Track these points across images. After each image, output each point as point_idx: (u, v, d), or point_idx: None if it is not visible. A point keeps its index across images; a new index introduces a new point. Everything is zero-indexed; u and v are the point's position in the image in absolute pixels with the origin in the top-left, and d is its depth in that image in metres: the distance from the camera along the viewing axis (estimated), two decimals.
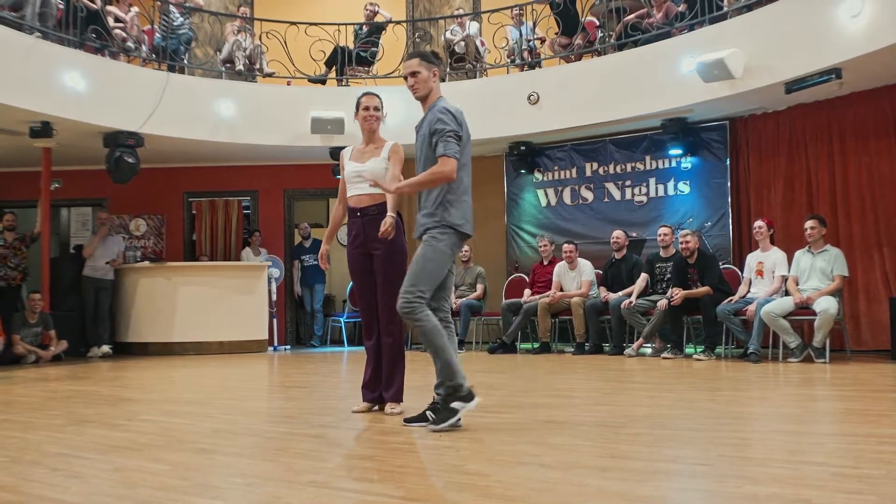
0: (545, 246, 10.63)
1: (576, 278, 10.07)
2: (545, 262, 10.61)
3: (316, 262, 12.43)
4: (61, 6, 9.58)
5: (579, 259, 10.16)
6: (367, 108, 4.86)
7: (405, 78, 4.49)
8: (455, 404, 4.04)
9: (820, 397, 5.53)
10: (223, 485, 2.97)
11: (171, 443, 3.86)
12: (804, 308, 7.76)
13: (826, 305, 7.55)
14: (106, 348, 10.73)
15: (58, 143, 9.99)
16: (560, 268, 10.24)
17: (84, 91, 9.52)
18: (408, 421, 4.22)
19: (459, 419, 4.05)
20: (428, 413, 4.13)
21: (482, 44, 11.77)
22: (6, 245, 10.45)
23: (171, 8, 11.05)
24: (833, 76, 8.12)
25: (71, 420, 4.68)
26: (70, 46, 9.58)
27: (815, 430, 4.13)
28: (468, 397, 4.07)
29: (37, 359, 9.65)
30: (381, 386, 4.80)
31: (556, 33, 11.15)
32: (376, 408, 4.81)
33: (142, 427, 4.40)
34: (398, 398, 4.77)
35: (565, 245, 10.19)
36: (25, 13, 9.06)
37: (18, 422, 4.70)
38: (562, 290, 10.08)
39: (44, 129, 9.57)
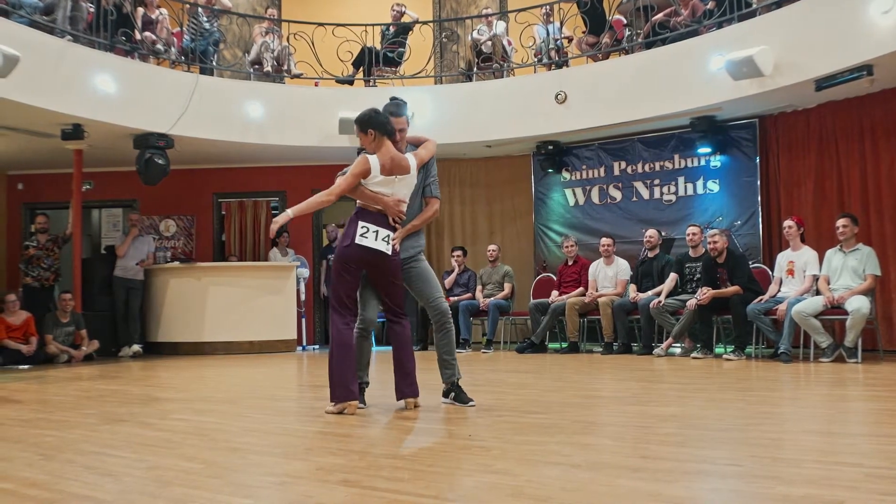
0: (569, 246, 10.60)
1: (612, 276, 10.04)
2: (570, 263, 10.59)
3: None
4: (92, 10, 9.69)
5: (616, 257, 10.15)
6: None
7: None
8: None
9: (852, 397, 5.47)
10: (255, 483, 2.99)
11: (204, 441, 3.89)
12: (835, 307, 7.69)
13: (858, 305, 7.47)
14: (136, 348, 10.84)
15: (89, 144, 10.11)
16: (596, 264, 10.22)
17: (114, 93, 9.62)
18: None
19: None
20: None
21: (509, 43, 11.75)
22: (39, 246, 10.60)
23: (200, 10, 11.14)
24: (864, 73, 8.02)
25: (104, 419, 4.74)
26: (100, 49, 9.69)
27: (848, 431, 4.09)
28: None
29: (69, 358, 9.78)
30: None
31: (584, 32, 11.10)
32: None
33: (174, 426, 4.44)
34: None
35: (603, 239, 10.18)
36: (57, 17, 9.17)
37: (53, 420, 4.76)
38: (597, 287, 10.08)
39: (75, 131, 9.69)
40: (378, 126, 4.73)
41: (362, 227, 4.69)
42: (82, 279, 10.48)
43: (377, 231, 4.70)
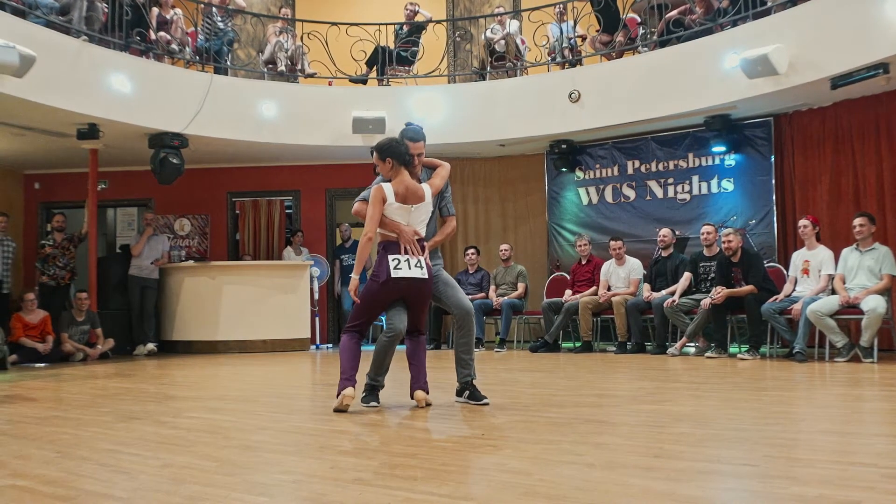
0: (582, 245, 10.58)
1: (624, 276, 10.01)
2: (583, 262, 10.57)
3: (353, 262, 12.45)
4: (107, 10, 9.74)
5: (628, 257, 10.11)
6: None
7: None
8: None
9: (868, 397, 5.44)
10: (269, 482, 3.00)
11: (218, 439, 3.91)
12: (851, 307, 7.64)
13: (874, 304, 7.42)
14: (151, 346, 10.89)
15: (104, 144, 10.17)
16: (608, 265, 10.19)
17: (129, 93, 9.67)
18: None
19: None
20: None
21: (522, 42, 11.73)
22: (55, 245, 10.65)
23: (214, 10, 11.18)
24: (880, 71, 7.96)
25: (119, 417, 4.76)
26: (116, 49, 9.73)
27: (864, 431, 4.07)
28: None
29: (84, 356, 9.84)
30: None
31: (597, 30, 11.07)
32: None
33: (188, 424, 4.46)
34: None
35: (612, 241, 10.15)
36: (72, 17, 9.22)
37: (68, 418, 4.80)
38: (609, 287, 10.05)
39: (90, 130, 9.75)
40: (397, 156, 4.80)
41: (394, 260, 4.74)
42: (98, 278, 10.53)
43: (408, 259, 4.76)
